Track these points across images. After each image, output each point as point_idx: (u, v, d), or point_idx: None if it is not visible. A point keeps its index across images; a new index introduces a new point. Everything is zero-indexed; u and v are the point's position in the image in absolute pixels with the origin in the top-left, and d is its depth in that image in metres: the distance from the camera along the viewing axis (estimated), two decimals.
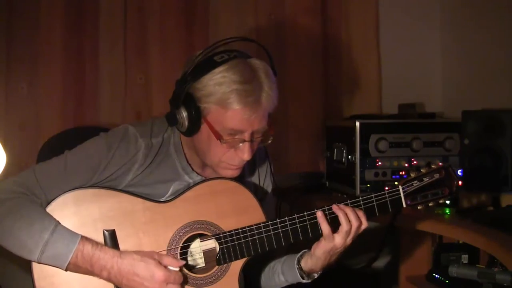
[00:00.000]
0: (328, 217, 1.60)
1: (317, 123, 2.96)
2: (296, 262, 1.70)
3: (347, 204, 1.62)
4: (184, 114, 1.56)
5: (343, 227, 1.58)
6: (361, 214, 1.60)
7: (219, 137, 1.55)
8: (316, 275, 1.70)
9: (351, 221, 1.58)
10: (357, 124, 2.46)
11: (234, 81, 1.51)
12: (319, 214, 1.59)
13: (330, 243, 1.60)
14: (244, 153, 1.58)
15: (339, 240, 1.59)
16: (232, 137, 1.56)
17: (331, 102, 3.03)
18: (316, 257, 1.65)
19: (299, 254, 1.72)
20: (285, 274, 1.75)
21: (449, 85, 3.11)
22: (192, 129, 1.57)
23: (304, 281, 1.71)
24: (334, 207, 1.59)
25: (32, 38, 2.66)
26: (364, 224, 1.60)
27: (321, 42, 3.01)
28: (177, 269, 1.54)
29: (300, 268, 1.70)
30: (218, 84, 1.51)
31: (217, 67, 1.52)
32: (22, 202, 1.53)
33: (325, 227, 1.59)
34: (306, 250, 1.71)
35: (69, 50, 2.71)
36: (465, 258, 2.42)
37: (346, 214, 1.58)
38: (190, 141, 1.63)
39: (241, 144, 1.57)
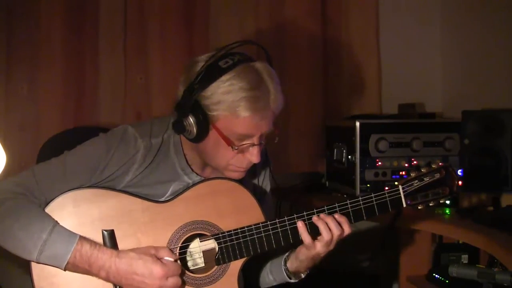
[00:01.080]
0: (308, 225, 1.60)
1: (317, 123, 2.96)
2: (283, 262, 1.72)
3: (346, 204, 1.62)
4: (193, 122, 1.55)
5: (323, 237, 1.59)
6: (342, 220, 1.60)
7: (230, 143, 1.55)
8: (303, 275, 1.72)
9: (332, 230, 1.59)
10: (357, 124, 2.46)
11: (242, 88, 1.51)
12: (300, 224, 1.60)
13: (312, 251, 1.62)
14: (253, 156, 1.59)
15: (321, 248, 1.60)
16: (241, 142, 1.56)
17: (331, 102, 3.03)
18: (300, 260, 1.67)
19: (285, 255, 1.73)
20: (273, 274, 1.77)
21: (449, 85, 3.11)
22: (201, 136, 1.57)
23: (291, 281, 1.72)
24: (314, 219, 1.60)
25: (32, 38, 2.67)
26: (347, 231, 1.60)
27: (321, 42, 3.01)
28: (173, 259, 1.54)
29: (287, 269, 1.71)
30: (226, 92, 1.51)
31: (223, 74, 1.52)
32: (21, 202, 1.53)
33: (305, 236, 1.59)
34: (292, 250, 1.71)
35: (69, 50, 2.71)
36: (465, 258, 2.42)
37: (326, 224, 1.59)
38: (193, 144, 1.63)
39: (250, 148, 1.58)
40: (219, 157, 1.60)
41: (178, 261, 1.58)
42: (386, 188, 1.65)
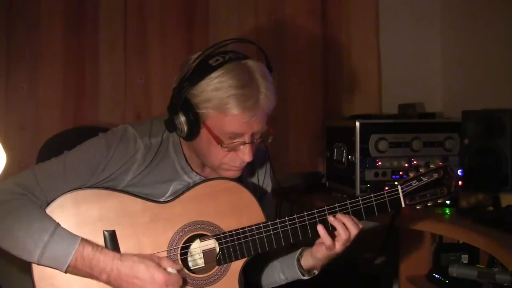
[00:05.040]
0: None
1: (317, 123, 2.96)
2: (296, 260, 1.72)
3: (346, 204, 1.62)
4: (183, 120, 1.55)
5: (341, 237, 1.60)
6: (355, 219, 1.62)
7: (219, 142, 1.55)
8: (316, 272, 1.73)
9: (349, 229, 1.60)
10: (357, 124, 2.46)
11: (231, 86, 1.50)
12: (320, 228, 1.60)
13: (332, 251, 1.63)
14: (245, 155, 1.58)
15: (339, 247, 1.62)
16: (232, 140, 1.56)
17: (331, 102, 3.03)
18: (317, 258, 1.68)
19: (298, 252, 1.73)
20: (285, 272, 1.76)
21: (449, 85, 3.11)
22: (192, 135, 1.57)
23: (304, 278, 1.72)
24: (330, 219, 1.61)
25: (32, 38, 2.67)
26: (360, 226, 1.62)
27: (321, 42, 3.01)
28: (176, 271, 1.54)
29: (300, 266, 1.71)
30: (215, 90, 1.50)
31: (213, 72, 1.51)
32: (22, 203, 1.53)
33: (327, 239, 1.60)
34: (305, 247, 1.72)
35: (69, 50, 2.72)
36: (465, 258, 2.42)
37: (343, 224, 1.60)
38: (189, 143, 1.63)
39: (241, 146, 1.57)
40: (212, 156, 1.59)
41: (184, 269, 1.58)
42: (386, 188, 1.65)
